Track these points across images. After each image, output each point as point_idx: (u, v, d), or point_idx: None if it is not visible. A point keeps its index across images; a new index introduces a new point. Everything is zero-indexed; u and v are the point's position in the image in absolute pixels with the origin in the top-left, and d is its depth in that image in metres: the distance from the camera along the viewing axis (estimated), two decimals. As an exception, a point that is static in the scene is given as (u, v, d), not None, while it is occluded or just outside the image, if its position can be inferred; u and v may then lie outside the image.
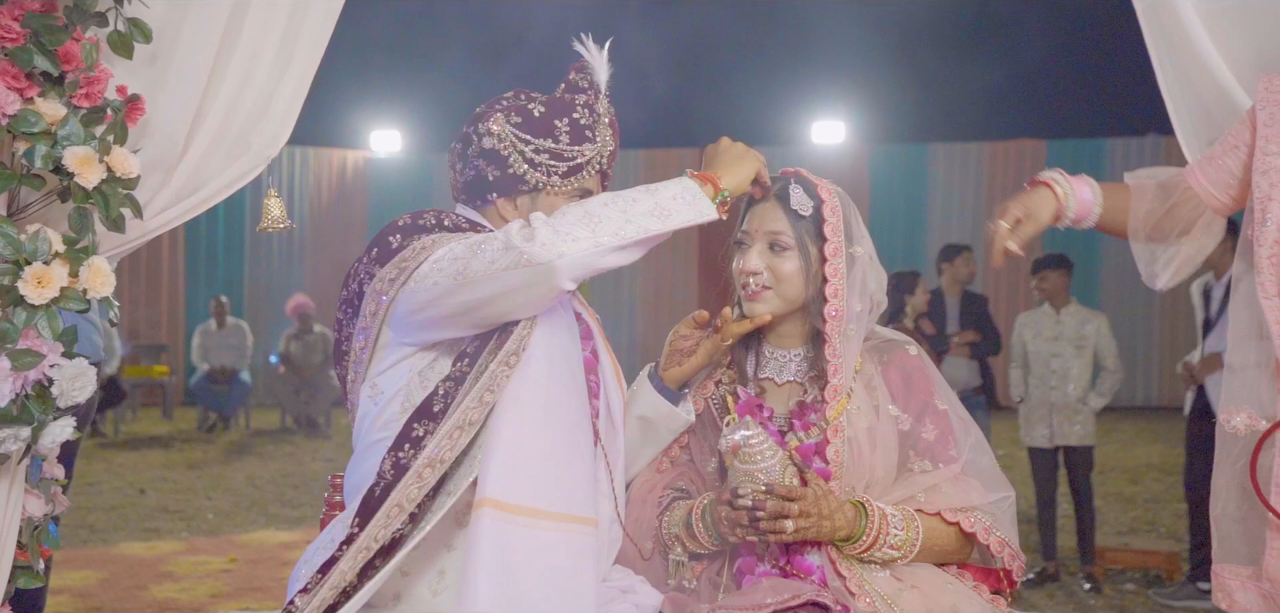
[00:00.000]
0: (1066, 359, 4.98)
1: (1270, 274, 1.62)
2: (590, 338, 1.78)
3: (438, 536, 1.57)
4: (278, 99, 1.93)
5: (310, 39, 1.95)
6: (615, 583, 1.67)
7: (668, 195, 1.60)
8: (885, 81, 11.35)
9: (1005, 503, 1.76)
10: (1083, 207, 1.83)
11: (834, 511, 1.65)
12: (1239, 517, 1.67)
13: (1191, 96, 1.94)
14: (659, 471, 1.86)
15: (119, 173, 1.67)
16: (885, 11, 10.59)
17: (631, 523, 1.79)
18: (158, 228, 1.88)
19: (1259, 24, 1.86)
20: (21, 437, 1.62)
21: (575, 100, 1.73)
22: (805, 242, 1.75)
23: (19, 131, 1.61)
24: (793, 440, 1.73)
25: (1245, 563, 1.66)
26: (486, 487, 1.49)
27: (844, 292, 1.72)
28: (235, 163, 1.91)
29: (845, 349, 1.73)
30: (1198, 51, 1.88)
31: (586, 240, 1.52)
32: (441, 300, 1.56)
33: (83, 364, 1.67)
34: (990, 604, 1.72)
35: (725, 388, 1.83)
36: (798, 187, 1.77)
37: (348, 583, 1.48)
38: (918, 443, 1.75)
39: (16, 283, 1.60)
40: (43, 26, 1.63)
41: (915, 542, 1.69)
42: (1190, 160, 1.92)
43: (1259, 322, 1.66)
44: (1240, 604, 1.67)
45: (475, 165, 1.73)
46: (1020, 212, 1.80)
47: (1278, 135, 1.65)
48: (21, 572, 1.75)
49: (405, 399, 1.61)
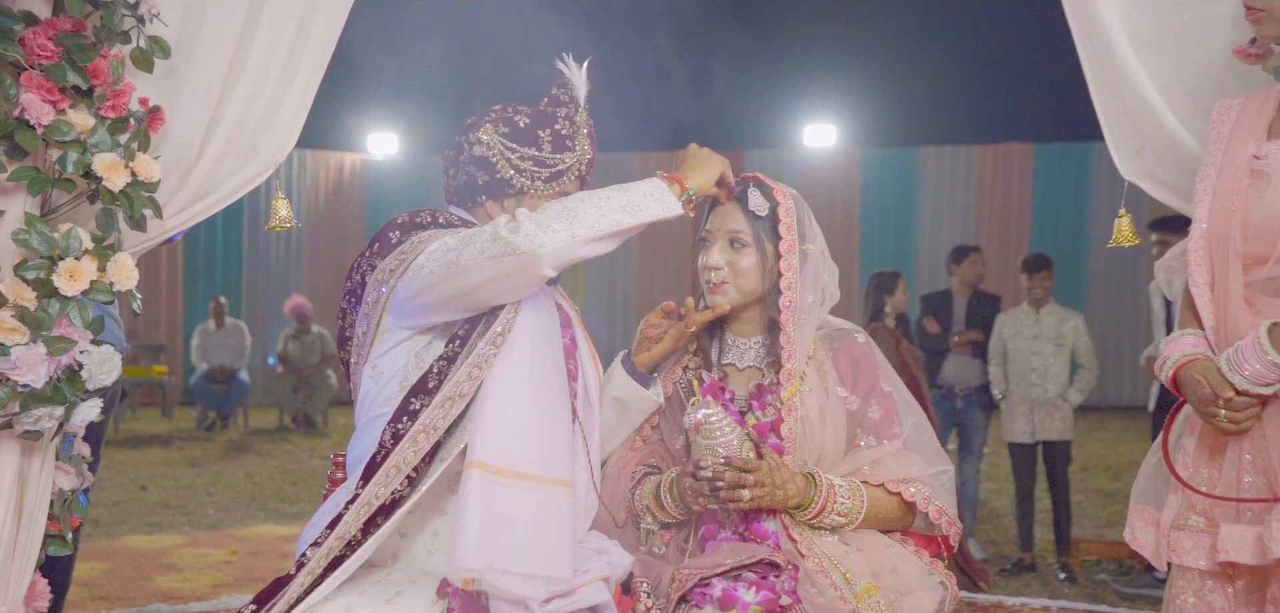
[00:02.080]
0: (1046, 357, 5.12)
1: (1198, 265, 1.80)
2: (569, 326, 1.95)
3: (432, 502, 1.75)
4: (285, 107, 2.09)
5: (315, 50, 2.12)
6: (591, 545, 1.84)
7: (639, 193, 1.78)
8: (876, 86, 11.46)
9: (944, 476, 1.93)
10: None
11: (786, 481, 1.83)
12: (1156, 471, 1.85)
13: (1120, 107, 2.12)
14: (632, 448, 2.04)
15: (142, 177, 1.85)
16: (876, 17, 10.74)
17: (607, 495, 1.97)
18: (175, 227, 2.05)
19: (1180, 45, 2.04)
20: (55, 415, 1.79)
21: (557, 113, 1.91)
22: (762, 239, 1.93)
23: (53, 140, 1.78)
24: (752, 419, 1.91)
25: (1154, 507, 1.84)
26: (475, 451, 1.66)
27: (797, 285, 1.90)
28: (246, 167, 2.08)
29: (798, 337, 1.90)
30: (1125, 69, 2.06)
31: (565, 232, 1.70)
32: (436, 287, 1.74)
33: (109, 350, 1.84)
34: (928, 566, 1.89)
35: (692, 372, 2.01)
36: (755, 189, 1.94)
37: (352, 536, 1.65)
38: (864, 421, 1.92)
39: (51, 276, 1.77)
40: (74, 45, 1.79)
41: (860, 509, 1.86)
42: (1118, 164, 2.11)
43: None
44: (1141, 542, 1.86)
45: (466, 170, 1.91)
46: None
47: (1217, 152, 1.83)
48: (52, 540, 1.92)
49: (403, 378, 1.78)
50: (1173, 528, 1.77)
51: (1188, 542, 1.75)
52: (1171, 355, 1.77)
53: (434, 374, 1.73)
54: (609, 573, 1.76)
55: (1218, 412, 1.68)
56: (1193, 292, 1.78)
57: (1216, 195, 1.78)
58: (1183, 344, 1.77)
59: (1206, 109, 1.97)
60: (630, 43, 8.97)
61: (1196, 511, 1.76)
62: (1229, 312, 1.72)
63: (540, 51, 6.34)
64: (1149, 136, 2.08)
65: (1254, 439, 1.69)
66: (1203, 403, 1.71)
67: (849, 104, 11.88)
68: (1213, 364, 1.70)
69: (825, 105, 11.98)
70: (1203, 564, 1.72)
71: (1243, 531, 1.66)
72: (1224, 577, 1.73)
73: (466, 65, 10.09)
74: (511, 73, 8.02)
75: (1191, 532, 1.75)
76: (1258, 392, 1.65)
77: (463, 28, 10.37)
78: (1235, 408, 1.67)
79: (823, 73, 11.40)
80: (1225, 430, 1.70)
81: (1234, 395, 1.66)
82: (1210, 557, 1.70)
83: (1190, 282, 1.79)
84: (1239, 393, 1.66)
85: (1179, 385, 1.76)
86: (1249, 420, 1.68)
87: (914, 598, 1.81)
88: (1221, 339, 1.72)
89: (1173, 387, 1.78)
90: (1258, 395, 1.66)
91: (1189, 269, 1.79)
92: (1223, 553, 1.67)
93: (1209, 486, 1.74)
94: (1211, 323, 1.75)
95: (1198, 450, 1.77)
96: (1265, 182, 1.71)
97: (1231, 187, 1.75)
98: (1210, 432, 1.74)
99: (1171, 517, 1.78)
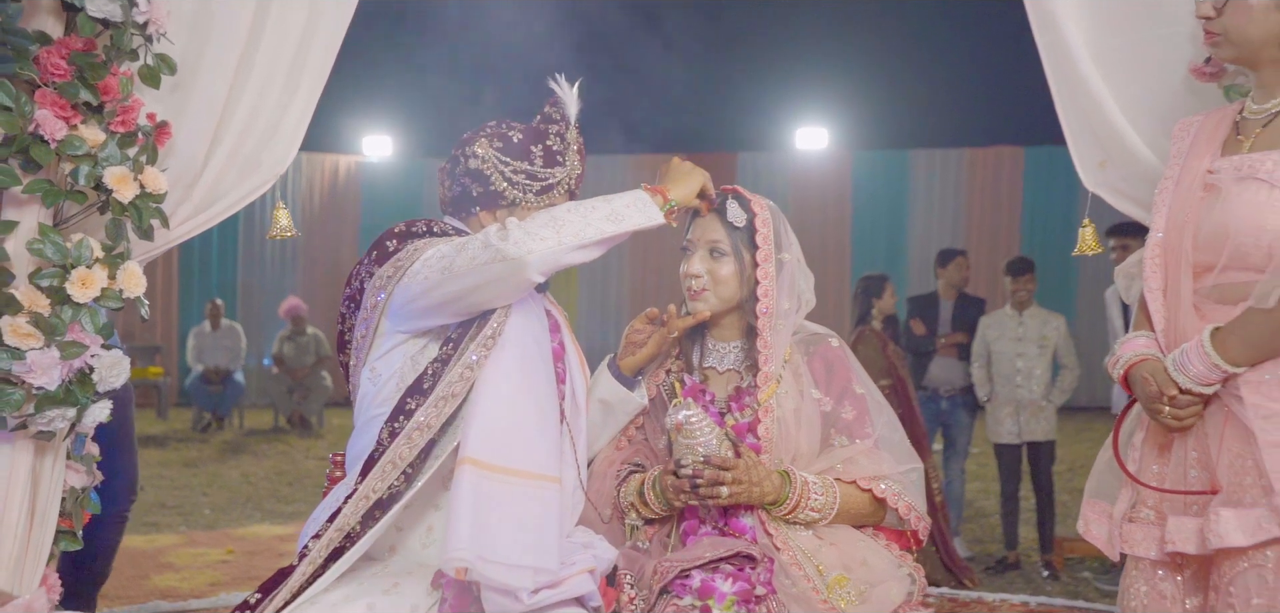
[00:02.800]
0: (1030, 359, 5.21)
1: (1152, 272, 1.90)
2: (558, 331, 2.05)
3: (426, 497, 1.84)
4: (286, 122, 2.19)
5: (315, 67, 2.21)
6: (578, 539, 1.93)
7: (622, 204, 1.88)
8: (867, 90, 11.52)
9: (913, 474, 2.02)
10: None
11: (762, 478, 1.92)
12: (1109, 466, 1.95)
13: (1083, 122, 2.22)
14: (618, 448, 2.13)
15: (150, 189, 1.94)
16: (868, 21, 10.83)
17: (593, 493, 2.06)
18: (180, 237, 2.14)
19: (1141, 64, 2.14)
20: (67, 416, 1.88)
21: (548, 129, 2.01)
22: (740, 249, 2.02)
23: (66, 154, 1.87)
24: (730, 420, 2.01)
25: (1107, 501, 1.95)
26: (467, 447, 1.75)
27: (774, 292, 2.00)
28: (248, 179, 2.17)
29: (775, 341, 2.00)
30: (1088, 86, 2.16)
31: (552, 240, 1.80)
32: (431, 292, 1.83)
33: (119, 354, 1.93)
34: (897, 560, 1.99)
35: (674, 375, 2.10)
36: (733, 201, 2.04)
37: (351, 528, 1.75)
38: (837, 422, 2.02)
39: (64, 284, 1.86)
40: (86, 63, 1.88)
41: (833, 505, 1.96)
42: (1081, 176, 2.21)
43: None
44: (1094, 534, 1.96)
45: (461, 182, 2.00)
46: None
47: (1175, 166, 1.93)
48: (63, 536, 2.01)
49: (400, 379, 1.87)
50: (1125, 520, 1.87)
51: (1139, 533, 1.85)
52: (1124, 355, 1.87)
53: (429, 376, 1.83)
54: (594, 566, 1.85)
55: (1163, 409, 1.78)
56: (1147, 296, 1.89)
57: (1172, 208, 1.88)
58: (1135, 345, 1.87)
59: (1165, 125, 2.07)
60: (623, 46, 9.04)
61: (1146, 504, 1.86)
62: (1179, 316, 1.82)
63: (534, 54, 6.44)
64: (1111, 150, 2.18)
65: (1198, 436, 1.79)
66: (1150, 400, 1.81)
67: (841, 107, 11.94)
68: (1161, 364, 1.80)
69: (817, 108, 12.05)
70: (1153, 554, 1.82)
71: (1188, 523, 1.76)
72: (1173, 566, 1.83)
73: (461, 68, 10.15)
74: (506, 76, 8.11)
75: (1142, 524, 1.85)
76: (1200, 391, 1.75)
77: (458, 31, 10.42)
78: (1179, 406, 1.77)
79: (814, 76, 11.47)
80: (1170, 426, 1.80)
81: (1178, 394, 1.76)
82: (1160, 547, 1.80)
83: (1145, 287, 1.89)
84: (1182, 392, 1.76)
85: (1130, 383, 1.86)
86: (1191, 418, 1.78)
87: (883, 589, 1.91)
88: (1171, 342, 1.82)
89: (1124, 384, 1.88)
90: (1200, 395, 1.76)
91: (1144, 276, 1.89)
92: (1170, 544, 1.77)
93: (1158, 480, 1.84)
94: (1162, 326, 1.85)
95: (1147, 447, 1.88)
96: (1216, 195, 1.81)
97: (1186, 200, 1.85)
98: (1159, 429, 1.84)
99: (1123, 510, 1.88)
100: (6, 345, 1.80)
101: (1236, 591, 1.70)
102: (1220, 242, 1.77)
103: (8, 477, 1.86)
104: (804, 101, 11.95)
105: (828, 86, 11.59)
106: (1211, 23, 1.82)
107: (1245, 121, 1.85)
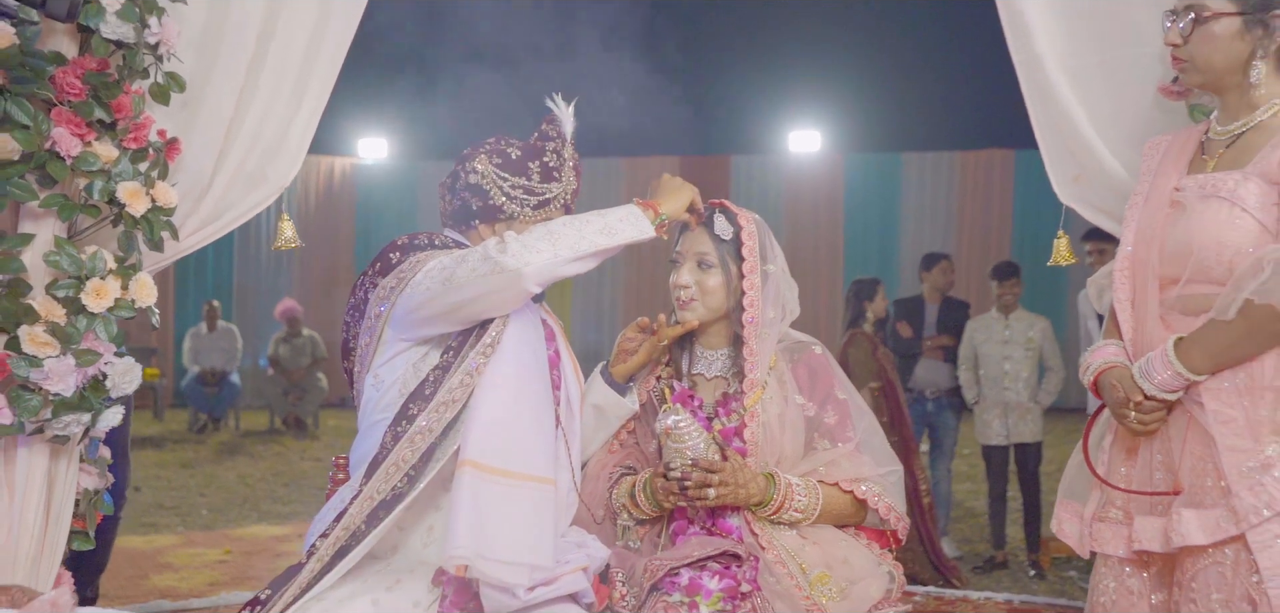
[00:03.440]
0: (1017, 361, 5.28)
1: (1121, 284, 1.99)
2: (553, 339, 2.13)
3: (427, 499, 1.92)
4: (290, 137, 2.27)
5: (319, 83, 2.29)
6: (572, 539, 2.01)
7: (615, 218, 1.96)
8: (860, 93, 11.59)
9: (893, 476, 2.11)
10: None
11: (748, 480, 2.00)
12: (1081, 469, 2.04)
13: (1057, 138, 2.30)
14: (610, 452, 2.22)
15: (161, 203, 2.02)
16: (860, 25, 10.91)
17: (587, 495, 2.14)
18: (188, 248, 2.21)
19: (1112, 82, 2.23)
20: (82, 421, 1.96)
21: (545, 147, 2.10)
22: (727, 261, 2.11)
23: (81, 170, 1.94)
24: (717, 424, 2.10)
25: (1078, 501, 2.03)
26: (467, 450, 1.83)
27: (759, 302, 2.08)
28: (253, 192, 2.25)
29: (760, 349, 2.08)
30: (1062, 103, 2.24)
31: (547, 252, 1.88)
32: (433, 301, 1.91)
33: (131, 361, 2.01)
34: (877, 558, 2.08)
35: (664, 382, 2.19)
36: (721, 215, 2.13)
37: (356, 527, 1.82)
38: (820, 426, 2.11)
39: (80, 294, 1.94)
40: (99, 83, 1.96)
41: (816, 506, 2.04)
42: (1056, 189, 2.30)
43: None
44: (1067, 533, 2.04)
45: (462, 196, 2.08)
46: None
47: (1144, 183, 2.02)
48: (76, 536, 2.09)
49: (402, 386, 1.95)
50: (1094, 520, 1.96)
51: (1108, 532, 1.93)
52: (1094, 362, 1.96)
53: (430, 382, 1.91)
54: (588, 564, 1.93)
55: (1129, 414, 1.87)
56: (1116, 307, 1.97)
57: (1140, 223, 1.96)
58: (1105, 353, 1.96)
59: (1135, 140, 2.16)
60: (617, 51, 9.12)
61: (1115, 504, 1.94)
62: (1146, 326, 1.90)
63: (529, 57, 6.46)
64: (1084, 165, 2.27)
65: (1162, 440, 1.88)
66: (1117, 405, 1.90)
67: (833, 110, 12.00)
68: (1128, 372, 1.89)
69: (810, 111, 12.09)
70: (1121, 552, 1.91)
71: (1153, 522, 1.84)
72: (1140, 563, 1.91)
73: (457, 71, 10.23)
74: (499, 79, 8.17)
75: (1111, 523, 1.94)
76: (1164, 397, 1.83)
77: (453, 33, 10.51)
78: (1145, 411, 1.85)
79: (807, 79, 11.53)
80: (1135, 431, 1.88)
81: (1144, 400, 1.85)
82: (1127, 546, 1.88)
83: (1115, 298, 1.98)
84: (1148, 398, 1.85)
85: (1099, 389, 1.95)
86: (1156, 423, 1.86)
87: (863, 586, 2.00)
88: (1138, 350, 1.91)
89: (1094, 389, 1.97)
90: (1164, 401, 1.84)
91: (1114, 287, 1.98)
92: (1137, 543, 1.86)
93: (1126, 482, 1.93)
94: (1130, 335, 1.93)
95: (1115, 450, 1.96)
96: (1181, 212, 1.89)
97: (1153, 216, 1.94)
98: (1126, 433, 1.92)
99: (1093, 510, 1.97)
100: (25, 354, 1.88)
101: (1198, 586, 1.78)
102: (1184, 256, 1.86)
103: (25, 479, 1.94)
104: (797, 105, 12.00)
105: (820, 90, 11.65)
106: (1179, 50, 1.90)
107: (1210, 142, 1.94)
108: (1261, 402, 1.76)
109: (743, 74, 11.83)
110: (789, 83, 11.65)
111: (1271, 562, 1.69)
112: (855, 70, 11.31)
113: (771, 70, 11.64)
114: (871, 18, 10.78)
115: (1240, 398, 1.77)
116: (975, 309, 5.92)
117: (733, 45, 11.60)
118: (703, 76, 12.01)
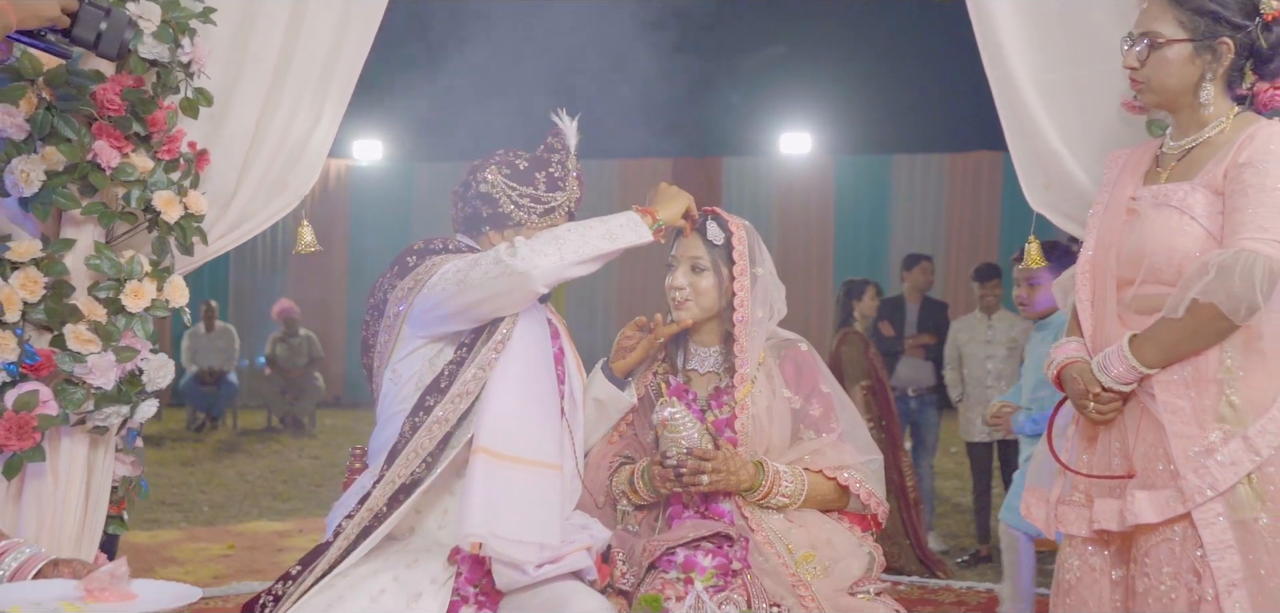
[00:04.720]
0: (1000, 361, 5.42)
1: (1083, 285, 2.15)
2: (558, 337, 2.28)
3: (442, 484, 2.07)
4: (310, 147, 2.41)
5: (336, 95, 2.44)
6: (576, 521, 2.17)
7: (617, 224, 2.12)
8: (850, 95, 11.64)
9: (874, 463, 2.27)
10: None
11: (739, 468, 2.16)
12: (1047, 456, 2.19)
13: (1029, 149, 2.44)
14: (610, 442, 2.38)
15: (192, 210, 2.17)
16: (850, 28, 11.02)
17: (589, 482, 2.30)
18: (215, 252, 2.36)
19: (1080, 96, 2.36)
20: (121, 412, 2.11)
21: (551, 158, 2.26)
22: (718, 264, 2.26)
23: (119, 180, 2.09)
24: (710, 416, 2.25)
25: (1045, 486, 2.19)
26: (480, 438, 1.99)
27: (748, 303, 2.24)
28: (275, 200, 2.39)
29: (750, 346, 2.24)
30: (1033, 116, 2.39)
31: (554, 256, 2.03)
32: (447, 302, 2.06)
33: (164, 358, 2.17)
34: (859, 539, 2.24)
35: (660, 377, 2.34)
36: (713, 221, 2.28)
37: (379, 508, 1.97)
38: (806, 418, 2.27)
39: (119, 295, 2.08)
40: (136, 99, 2.11)
41: (802, 492, 2.20)
42: (1027, 197, 2.45)
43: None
44: (1035, 515, 2.20)
45: (472, 204, 2.24)
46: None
47: (1105, 193, 2.18)
48: (112, 520, 2.23)
49: (419, 380, 2.10)
50: (1059, 503, 2.12)
51: (1072, 514, 2.09)
52: (1057, 358, 2.12)
53: (445, 376, 2.06)
54: (591, 544, 2.09)
55: (1088, 405, 2.03)
56: (1078, 306, 2.14)
57: (1100, 229, 2.12)
58: (1067, 349, 2.12)
59: (1101, 153, 2.30)
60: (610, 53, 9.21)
61: (1077, 488, 2.10)
62: (1104, 324, 2.06)
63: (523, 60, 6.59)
64: (1053, 175, 2.41)
65: (1119, 428, 2.03)
66: (1078, 397, 2.06)
67: (824, 113, 12.04)
68: (1088, 366, 2.05)
69: (800, 114, 12.13)
70: (1084, 532, 2.06)
71: (1111, 504, 2.00)
72: (1101, 542, 2.07)
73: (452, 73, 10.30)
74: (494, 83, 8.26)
75: (1074, 506, 2.09)
76: (1119, 389, 1.99)
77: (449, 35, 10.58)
78: (1102, 402, 2.01)
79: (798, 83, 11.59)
80: (1094, 420, 2.05)
81: (1101, 392, 2.01)
82: (1089, 526, 2.04)
83: (1077, 299, 2.14)
84: (1105, 390, 2.01)
85: (1062, 382, 2.11)
86: (1113, 412, 2.02)
87: (845, 565, 2.16)
88: (1097, 346, 2.06)
89: (1057, 382, 2.13)
90: (1120, 393, 2.00)
91: (1076, 288, 2.14)
92: (1097, 522, 2.02)
93: (1088, 467, 2.09)
94: (1090, 332, 2.09)
95: (1078, 438, 2.12)
96: (1137, 219, 2.05)
97: (1112, 223, 2.10)
98: (1087, 423, 2.08)
99: (1057, 494, 2.13)
100: (70, 350, 2.03)
101: (1151, 561, 1.94)
102: (1139, 260, 2.02)
103: (68, 466, 2.09)
104: (788, 107, 12.03)
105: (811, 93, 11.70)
106: (1136, 72, 2.06)
107: (1164, 156, 2.10)
108: (1206, 393, 1.92)
109: (733, 77, 11.92)
110: (780, 86, 11.71)
111: (1214, 538, 1.86)
112: (846, 74, 11.39)
113: (763, 74, 11.71)
114: (862, 21, 10.88)
115: (1187, 389, 1.93)
116: (961, 310, 6.05)
117: (724, 48, 11.70)
118: (694, 79, 12.11)
